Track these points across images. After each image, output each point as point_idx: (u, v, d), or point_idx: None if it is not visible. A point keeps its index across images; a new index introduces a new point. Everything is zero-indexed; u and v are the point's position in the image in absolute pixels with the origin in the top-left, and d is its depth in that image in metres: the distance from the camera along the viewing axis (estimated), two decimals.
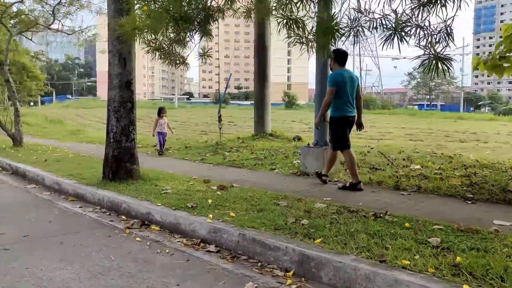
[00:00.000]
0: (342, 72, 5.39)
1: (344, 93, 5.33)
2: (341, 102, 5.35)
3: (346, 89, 5.33)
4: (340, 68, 5.45)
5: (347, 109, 5.38)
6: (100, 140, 11.73)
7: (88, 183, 5.63)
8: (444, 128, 21.09)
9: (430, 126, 22.19)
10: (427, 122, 30.01)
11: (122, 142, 5.63)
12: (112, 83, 5.63)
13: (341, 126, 5.41)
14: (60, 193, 5.82)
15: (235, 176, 6.29)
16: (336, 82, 5.31)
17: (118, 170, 5.60)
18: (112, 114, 5.62)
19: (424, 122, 30.31)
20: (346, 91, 5.33)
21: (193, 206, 4.30)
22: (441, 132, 18.66)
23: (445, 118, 40.30)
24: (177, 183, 5.48)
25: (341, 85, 5.31)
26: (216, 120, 10.89)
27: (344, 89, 5.32)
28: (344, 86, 5.32)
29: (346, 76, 5.38)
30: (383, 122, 29.90)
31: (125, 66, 5.63)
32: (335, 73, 5.40)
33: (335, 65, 5.48)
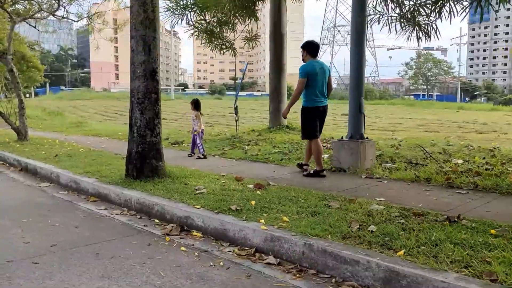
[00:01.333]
0: (313, 63, 5.57)
1: (315, 84, 5.49)
2: (312, 92, 5.51)
3: (317, 79, 5.49)
4: (312, 59, 5.62)
5: (317, 99, 5.55)
6: (107, 133, 11.24)
7: (110, 181, 5.16)
8: (452, 119, 20.74)
9: (437, 117, 21.85)
10: (430, 113, 29.69)
11: (147, 137, 5.15)
12: (135, 72, 5.13)
13: (311, 116, 5.58)
14: (79, 192, 5.35)
15: (265, 173, 5.86)
16: (307, 73, 5.48)
17: (143, 168, 5.13)
18: (136, 106, 5.14)
19: (427, 113, 29.99)
20: (317, 81, 5.49)
21: (237, 208, 3.85)
22: (450, 122, 18.31)
23: (445, 108, 40.06)
24: (208, 182, 5.03)
25: (312, 76, 5.47)
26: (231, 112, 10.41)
27: (315, 79, 5.48)
28: (315, 76, 5.48)
29: (317, 67, 5.54)
30: (386, 113, 29.54)
31: (149, 53, 5.14)
32: (306, 64, 5.58)
33: (307, 57, 5.64)
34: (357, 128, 6.12)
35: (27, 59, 18.85)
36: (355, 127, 6.13)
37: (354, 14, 6.07)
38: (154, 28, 5.14)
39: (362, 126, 6.15)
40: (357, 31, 6.06)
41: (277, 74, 10.31)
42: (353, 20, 6.08)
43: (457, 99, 73.45)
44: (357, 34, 6.05)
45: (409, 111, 33.53)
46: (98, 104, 38.78)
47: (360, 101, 6.13)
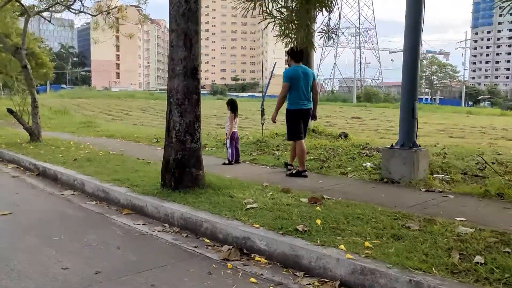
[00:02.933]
0: (296, 68, 5.80)
1: (298, 87, 5.71)
2: (295, 96, 5.74)
3: (300, 83, 5.71)
4: (295, 65, 5.85)
5: (300, 102, 5.76)
6: (121, 134, 10.71)
7: (145, 192, 4.63)
8: (468, 124, 20.22)
9: (452, 122, 21.32)
10: (442, 117, 29.20)
11: (187, 143, 4.62)
12: (174, 70, 4.61)
13: (295, 118, 5.82)
14: (108, 203, 4.82)
15: (309, 183, 5.34)
16: (289, 77, 5.73)
17: (182, 177, 4.60)
18: (175, 108, 4.61)
19: (438, 117, 29.50)
20: (300, 85, 5.71)
21: (304, 229, 3.33)
22: (469, 127, 17.79)
23: (453, 113, 39.65)
24: (254, 194, 4.50)
25: (295, 80, 5.70)
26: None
27: (298, 83, 5.71)
28: (298, 80, 5.70)
29: (300, 71, 5.77)
30: (396, 117, 29.03)
31: (191, 49, 4.61)
32: (288, 69, 5.82)
33: (292, 62, 5.88)
34: (409, 135, 5.59)
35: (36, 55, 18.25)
36: (407, 134, 5.60)
37: (409, 9, 5.54)
38: (196, 21, 4.62)
39: (415, 132, 5.64)
40: (412, 27, 5.53)
41: None
42: (408, 16, 5.55)
43: (462, 103, 73.03)
44: (411, 31, 5.52)
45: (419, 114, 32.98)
46: (101, 103, 38.22)
47: (414, 105, 5.62)
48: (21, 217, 4.18)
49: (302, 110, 5.79)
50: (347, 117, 26.13)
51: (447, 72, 78.91)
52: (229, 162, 6.86)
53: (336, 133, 9.83)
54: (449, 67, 78.49)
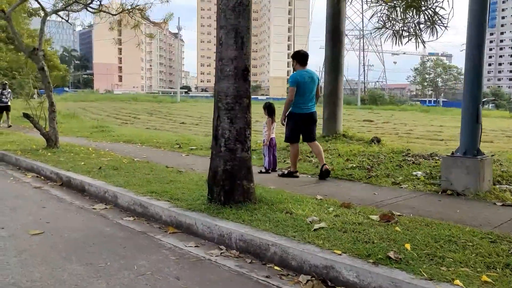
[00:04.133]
0: (302, 73, 5.83)
1: (304, 92, 5.77)
2: (299, 100, 5.79)
3: (306, 88, 5.77)
4: (302, 69, 5.89)
5: (303, 106, 5.84)
6: (139, 139, 10.22)
7: (190, 207, 4.13)
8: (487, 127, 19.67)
9: None
10: (454, 120, 28.67)
11: (237, 152, 4.13)
12: (223, 70, 4.11)
13: (296, 122, 5.91)
14: (148, 219, 4.32)
15: (365, 195, 4.85)
16: (296, 82, 5.76)
17: (232, 190, 4.10)
18: (224, 113, 4.11)
19: (450, 120, 29.00)
20: (306, 90, 5.78)
21: (398, 257, 2.82)
22: (489, 130, 17.25)
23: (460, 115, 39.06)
24: (314, 210, 4.01)
25: (302, 85, 5.74)
26: None
27: (304, 87, 5.76)
28: (304, 85, 5.76)
29: (306, 76, 5.81)
30: (408, 119, 28.54)
31: (242, 48, 4.12)
32: (295, 73, 5.84)
33: (297, 66, 5.90)
34: (473, 142, 5.09)
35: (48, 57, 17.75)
36: (470, 140, 5.10)
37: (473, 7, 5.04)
38: (248, 16, 4.13)
39: (478, 139, 5.13)
40: (476, 25, 5.03)
41: (333, 75, 9.27)
42: (471, 14, 5.05)
43: None
44: (476, 29, 5.02)
45: (429, 117, 32.58)
46: (106, 106, 37.76)
47: (478, 109, 5.11)
48: (56, 238, 3.68)
49: (305, 114, 5.87)
50: (359, 120, 25.60)
51: (452, 74, 78.34)
52: (266, 170, 6.37)
53: (367, 138, 9.33)
54: (455, 69, 77.90)
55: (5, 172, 6.88)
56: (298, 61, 5.90)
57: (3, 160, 7.95)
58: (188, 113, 31.29)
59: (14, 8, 8.10)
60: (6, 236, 3.68)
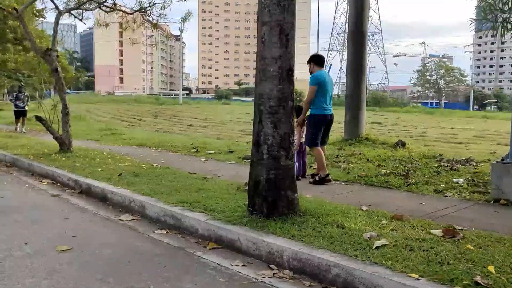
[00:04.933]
0: (322, 73, 5.76)
1: (325, 92, 5.68)
2: (322, 100, 5.67)
3: (327, 88, 5.69)
4: (320, 69, 5.79)
5: (326, 107, 5.72)
6: (153, 143, 9.88)
7: (229, 219, 3.79)
8: (500, 129, 19.35)
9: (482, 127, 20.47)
10: (462, 122, 28.42)
11: (281, 159, 3.78)
12: (265, 71, 3.78)
13: (318, 124, 5.74)
14: (181, 232, 3.98)
15: (409, 205, 4.52)
16: (318, 81, 5.63)
17: (276, 202, 3.76)
18: (267, 117, 3.77)
19: (459, 122, 28.73)
20: (327, 90, 5.70)
21: (487, 283, 2.48)
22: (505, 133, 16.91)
23: (468, 117, 38.85)
24: (365, 223, 3.66)
25: (322, 85, 5.64)
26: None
27: (325, 88, 5.67)
28: (325, 85, 5.67)
29: (326, 76, 5.77)
30: (415, 121, 28.24)
31: (287, 46, 3.79)
32: (317, 73, 5.71)
33: (315, 68, 5.77)
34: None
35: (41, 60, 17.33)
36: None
37: None
38: (293, 11, 3.80)
39: None
40: None
41: (356, 78, 8.94)
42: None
43: (470, 107, 72.13)
44: None
45: (435, 119, 32.27)
46: (110, 108, 37.50)
47: None
48: (86, 255, 3.34)
49: (326, 116, 5.76)
50: (367, 122, 25.22)
51: (455, 76, 78.04)
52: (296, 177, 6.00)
53: (389, 141, 9.00)
54: (457, 71, 77.64)
55: (19, 178, 6.53)
56: (316, 62, 5.82)
57: (15, 165, 7.61)
58: (192, 115, 31.02)
59: (26, 7, 7.78)
60: (32, 253, 3.33)
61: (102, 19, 8.80)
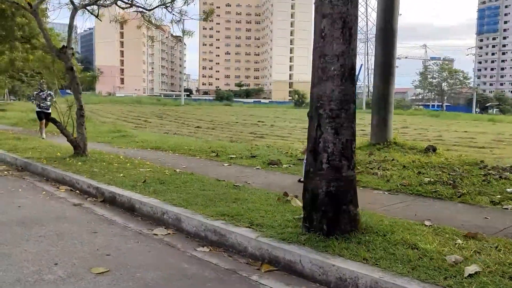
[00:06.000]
0: None
1: None
2: None
3: None
4: None
5: None
6: (168, 146, 9.44)
7: (282, 237, 3.35)
8: None
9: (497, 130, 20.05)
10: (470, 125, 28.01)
11: (343, 170, 3.35)
12: (326, 70, 3.35)
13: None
14: (227, 250, 3.54)
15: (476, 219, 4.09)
16: None
17: (338, 218, 3.33)
18: (327, 122, 3.34)
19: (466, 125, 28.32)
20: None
21: None
22: None
23: (475, 120, 38.46)
24: (439, 242, 3.24)
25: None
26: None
27: None
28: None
29: None
30: (424, 125, 27.81)
31: (350, 42, 3.36)
32: None
33: None
34: None
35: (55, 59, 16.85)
36: None
37: None
38: (356, 3, 3.38)
39: None
40: None
41: (384, 79, 8.52)
42: None
43: (473, 110, 71.73)
44: None
45: (443, 122, 31.90)
46: (113, 109, 37.08)
47: None
48: (127, 279, 2.90)
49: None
50: None
51: (458, 78, 77.68)
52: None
53: (419, 146, 8.57)
54: (460, 74, 77.27)
55: (34, 184, 6.09)
56: None
57: (27, 169, 7.17)
58: (197, 117, 30.58)
59: (41, 2, 7.36)
60: (65, 277, 2.90)
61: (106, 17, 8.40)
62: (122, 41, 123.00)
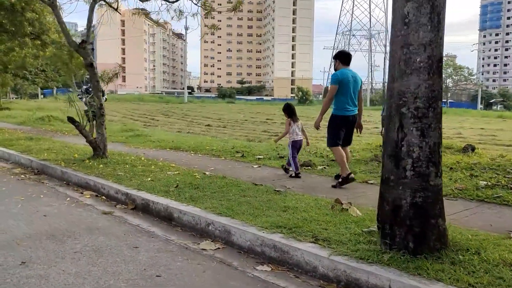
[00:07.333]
0: (346, 71, 5.50)
1: (347, 92, 5.44)
2: (343, 101, 5.45)
3: (349, 87, 5.45)
4: (345, 68, 5.55)
5: (348, 108, 5.48)
6: (188, 146, 9.00)
7: (359, 255, 2.91)
8: None
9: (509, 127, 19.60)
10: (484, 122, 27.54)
11: (430, 178, 2.90)
12: (410, 61, 2.90)
13: (339, 125, 5.53)
14: (291, 269, 3.10)
15: None
16: (339, 80, 5.43)
17: (425, 234, 2.87)
18: (411, 122, 2.89)
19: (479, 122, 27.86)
20: (349, 90, 5.45)
21: None
22: None
23: (483, 117, 38.02)
24: None
25: (345, 84, 5.43)
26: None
27: (348, 87, 5.44)
28: (347, 84, 5.43)
29: (350, 75, 5.49)
30: None
31: (438, 29, 2.91)
32: (339, 71, 5.51)
33: (340, 66, 5.57)
34: None
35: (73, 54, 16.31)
36: None
37: None
38: None
39: None
40: None
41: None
42: None
43: (478, 106, 71.14)
44: None
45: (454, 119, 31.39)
46: (117, 107, 36.58)
47: None
48: None
49: (348, 117, 5.52)
50: None
51: (463, 75, 77.07)
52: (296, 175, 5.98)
53: (455, 146, 8.11)
54: (465, 70, 76.65)
55: (55, 189, 5.64)
56: (341, 60, 5.58)
57: (44, 172, 6.72)
58: (203, 114, 30.10)
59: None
60: None
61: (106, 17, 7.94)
62: (123, 38, 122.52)
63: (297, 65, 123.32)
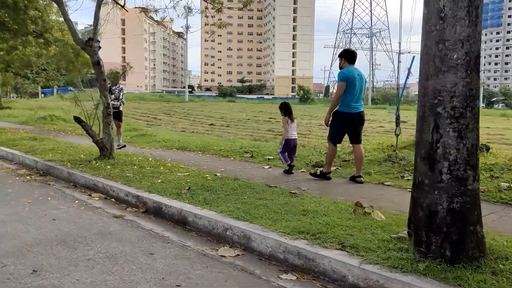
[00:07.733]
0: (352, 69, 5.59)
1: (353, 89, 5.51)
2: (349, 98, 5.52)
3: (355, 85, 5.51)
4: (350, 66, 5.63)
5: (353, 105, 5.55)
6: (195, 146, 8.83)
7: (391, 263, 2.74)
8: None
9: None
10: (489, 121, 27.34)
11: (468, 182, 2.73)
12: (446, 58, 2.73)
13: (342, 122, 5.62)
14: (316, 277, 2.93)
15: None
16: (346, 78, 5.49)
17: (463, 241, 2.70)
18: (447, 122, 2.72)
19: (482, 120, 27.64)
20: (355, 87, 5.52)
21: None
22: None
23: (486, 115, 37.82)
24: None
25: (352, 81, 5.49)
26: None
27: (354, 85, 5.50)
28: (354, 82, 5.50)
29: (356, 73, 5.57)
30: None
31: (476, 24, 2.74)
32: (346, 69, 5.58)
33: (345, 64, 5.64)
34: None
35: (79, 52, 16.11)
36: None
37: None
38: None
39: None
40: None
41: None
42: None
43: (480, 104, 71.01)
44: None
45: None
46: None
47: None
48: None
49: (352, 114, 5.58)
50: (391, 121, 24.21)
51: None
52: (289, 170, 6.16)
53: None
54: None
55: (62, 191, 5.47)
56: (347, 59, 5.65)
57: (49, 173, 6.54)
58: (205, 113, 29.95)
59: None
60: None
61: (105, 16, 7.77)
62: (124, 37, 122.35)
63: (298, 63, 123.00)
